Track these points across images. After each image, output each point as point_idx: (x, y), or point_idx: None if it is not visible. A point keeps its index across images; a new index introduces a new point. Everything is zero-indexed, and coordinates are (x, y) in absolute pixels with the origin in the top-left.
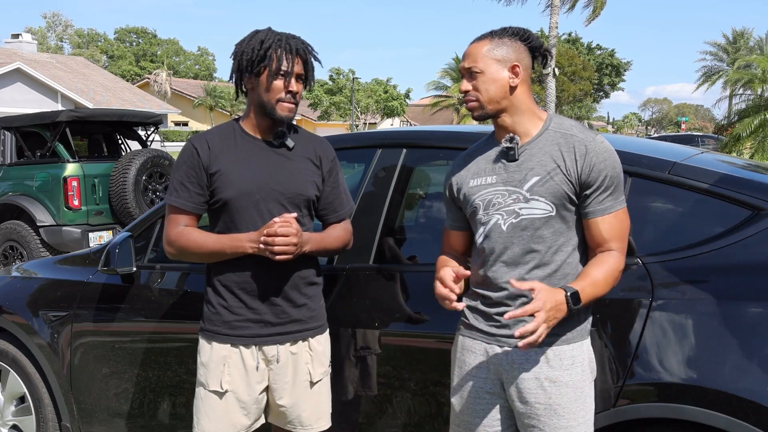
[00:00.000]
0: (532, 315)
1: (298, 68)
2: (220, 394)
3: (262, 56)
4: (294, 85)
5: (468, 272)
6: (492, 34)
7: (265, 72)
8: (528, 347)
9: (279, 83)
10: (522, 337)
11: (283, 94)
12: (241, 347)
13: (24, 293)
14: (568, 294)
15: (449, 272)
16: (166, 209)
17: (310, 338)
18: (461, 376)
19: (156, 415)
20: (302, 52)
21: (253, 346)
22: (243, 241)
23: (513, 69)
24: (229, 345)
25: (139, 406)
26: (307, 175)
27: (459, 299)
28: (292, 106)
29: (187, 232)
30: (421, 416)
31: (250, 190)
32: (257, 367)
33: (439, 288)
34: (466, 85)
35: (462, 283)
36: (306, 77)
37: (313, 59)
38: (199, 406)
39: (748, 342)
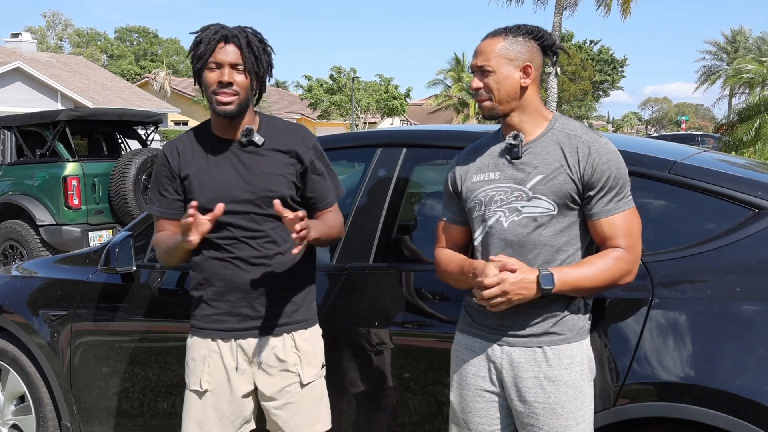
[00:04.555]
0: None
1: (232, 57)
2: (200, 394)
3: (194, 48)
4: (227, 75)
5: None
6: (506, 32)
7: (198, 66)
8: (483, 302)
9: (211, 75)
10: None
11: (215, 87)
12: (220, 342)
13: (24, 293)
14: (540, 274)
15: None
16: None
17: (294, 334)
18: (460, 375)
19: (156, 415)
20: (237, 39)
21: (232, 341)
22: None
23: (525, 69)
24: (209, 340)
25: (139, 406)
26: (280, 170)
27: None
28: (227, 98)
29: (158, 237)
30: (421, 416)
31: (221, 194)
32: (237, 368)
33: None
34: (477, 82)
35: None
36: (248, 67)
37: (256, 47)
38: (184, 407)
39: (748, 341)
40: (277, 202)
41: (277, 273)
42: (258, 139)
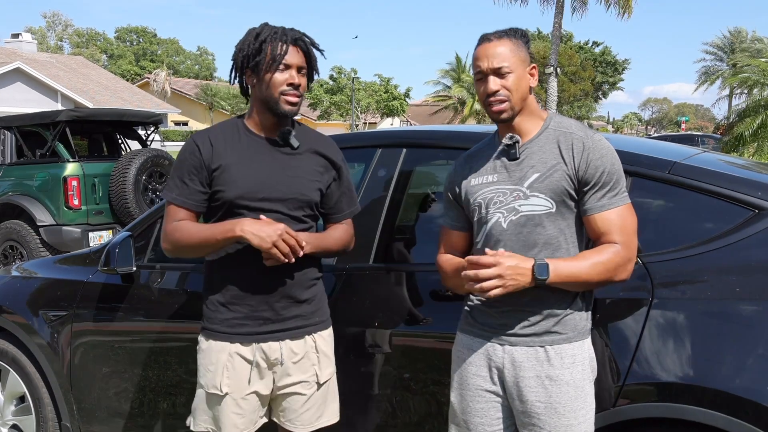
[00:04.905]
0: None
1: (299, 60)
2: (219, 397)
3: (258, 49)
4: (296, 78)
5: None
6: (507, 34)
7: (264, 65)
8: (478, 292)
9: (280, 76)
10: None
11: (285, 87)
12: (240, 346)
13: (24, 293)
14: (536, 264)
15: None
16: (165, 206)
17: (314, 335)
18: (461, 375)
19: (156, 415)
20: (301, 43)
21: (253, 344)
22: (233, 225)
23: (531, 70)
24: (227, 343)
25: (139, 406)
26: (312, 176)
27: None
28: (296, 99)
29: (181, 225)
30: (421, 416)
31: (253, 189)
32: (257, 371)
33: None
34: (495, 84)
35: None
36: (309, 70)
37: (314, 50)
38: (199, 406)
39: (748, 342)
40: (261, 217)
41: (299, 276)
42: (294, 142)
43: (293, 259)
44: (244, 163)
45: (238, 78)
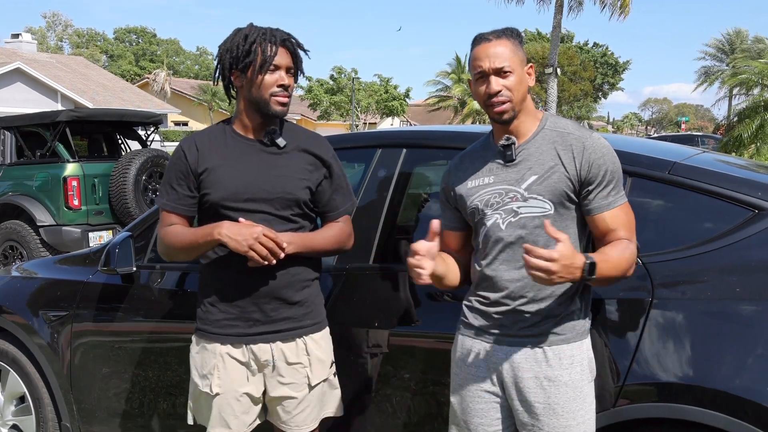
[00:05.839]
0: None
1: (287, 61)
2: (210, 397)
3: (248, 51)
4: (285, 79)
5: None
6: (507, 34)
7: (252, 67)
8: (530, 269)
9: (270, 77)
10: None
11: (275, 89)
12: (231, 347)
13: (24, 293)
14: (587, 262)
15: (422, 242)
16: (159, 211)
17: (305, 337)
18: (461, 376)
19: (156, 415)
20: (288, 44)
21: (243, 346)
22: (212, 229)
23: (529, 69)
24: (218, 344)
25: (139, 406)
26: (299, 174)
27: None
28: (286, 99)
29: (171, 230)
30: (421, 416)
31: (238, 191)
32: (247, 372)
33: (410, 259)
34: (497, 84)
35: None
36: (295, 70)
37: (300, 50)
38: (194, 405)
39: (748, 342)
40: (240, 220)
41: (289, 277)
42: (280, 141)
43: (274, 261)
44: (230, 164)
45: (223, 80)
